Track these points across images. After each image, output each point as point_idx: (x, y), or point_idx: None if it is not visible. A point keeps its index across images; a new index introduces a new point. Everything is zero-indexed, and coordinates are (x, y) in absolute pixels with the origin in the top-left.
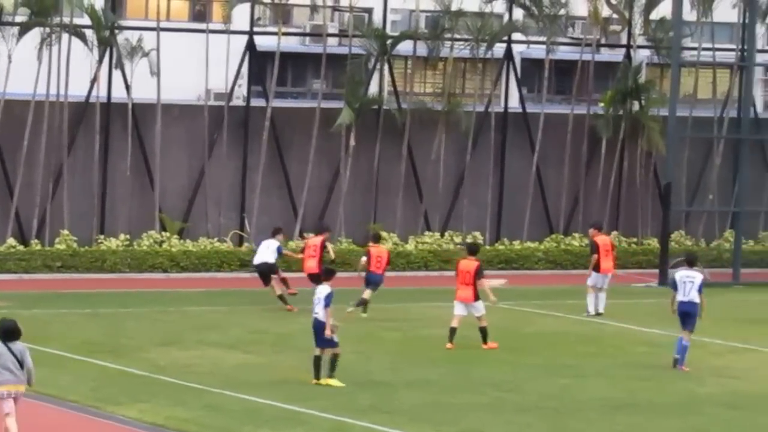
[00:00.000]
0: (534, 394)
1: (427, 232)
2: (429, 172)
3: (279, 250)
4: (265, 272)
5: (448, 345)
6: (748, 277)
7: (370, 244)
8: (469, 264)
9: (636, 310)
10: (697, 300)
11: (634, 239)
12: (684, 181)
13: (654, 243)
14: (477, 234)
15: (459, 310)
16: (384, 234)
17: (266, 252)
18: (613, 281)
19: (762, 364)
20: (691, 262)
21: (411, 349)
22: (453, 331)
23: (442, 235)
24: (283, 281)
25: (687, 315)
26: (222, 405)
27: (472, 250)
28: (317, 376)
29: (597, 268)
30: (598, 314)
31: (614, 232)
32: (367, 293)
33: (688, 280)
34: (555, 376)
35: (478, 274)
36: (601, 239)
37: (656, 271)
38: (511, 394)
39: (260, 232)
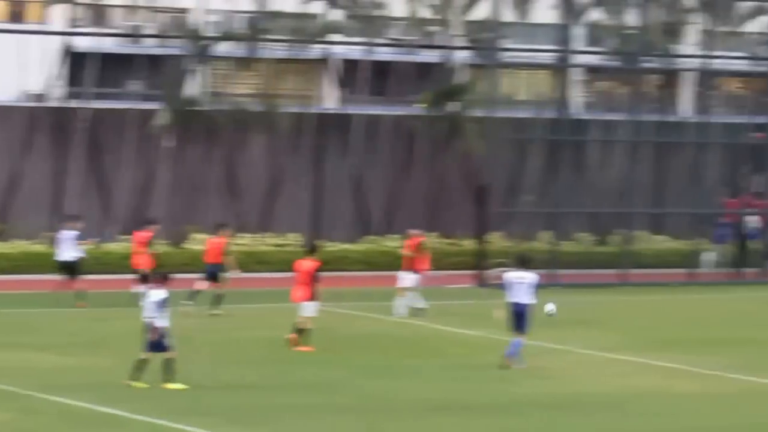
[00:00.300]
0: (351, 395)
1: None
2: (247, 173)
3: (76, 239)
4: (71, 267)
5: (291, 336)
6: (565, 279)
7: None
8: (308, 264)
9: (452, 311)
10: (528, 301)
11: (452, 240)
12: (502, 182)
13: (471, 244)
14: (294, 235)
15: (300, 311)
16: (200, 236)
17: (67, 247)
18: (429, 283)
19: (577, 365)
20: (522, 262)
21: (228, 350)
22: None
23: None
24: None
25: (519, 315)
26: (36, 408)
27: (312, 250)
28: (134, 378)
29: (413, 269)
30: (420, 311)
31: (431, 234)
32: (208, 285)
33: (519, 281)
34: (373, 378)
35: (316, 274)
36: (415, 242)
37: (473, 272)
38: (329, 396)
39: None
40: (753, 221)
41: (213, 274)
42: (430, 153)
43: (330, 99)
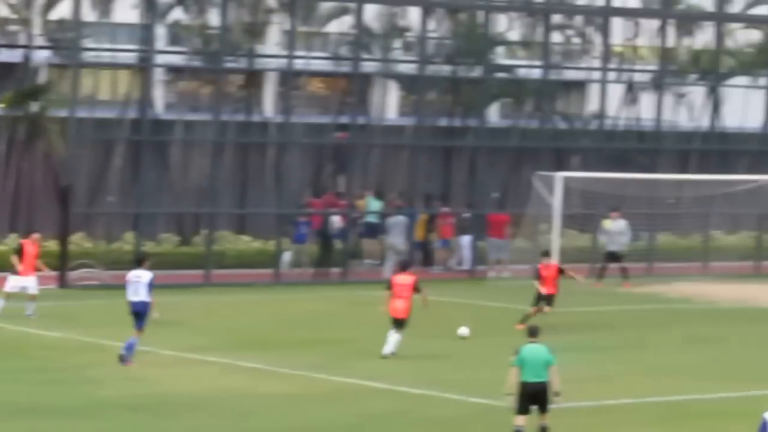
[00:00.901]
0: None
1: None
2: None
3: None
4: None
5: None
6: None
7: None
8: None
9: (35, 313)
10: (147, 299)
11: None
12: (85, 182)
13: (54, 245)
14: None
15: None
16: None
17: None
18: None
19: (162, 366)
20: (139, 261)
21: None
22: None
23: None
24: None
25: (137, 314)
26: None
27: None
28: None
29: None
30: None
31: (12, 234)
32: None
33: (137, 280)
34: None
35: None
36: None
37: (55, 273)
38: None
39: None
40: (336, 221)
41: None
42: (12, 153)
43: None
